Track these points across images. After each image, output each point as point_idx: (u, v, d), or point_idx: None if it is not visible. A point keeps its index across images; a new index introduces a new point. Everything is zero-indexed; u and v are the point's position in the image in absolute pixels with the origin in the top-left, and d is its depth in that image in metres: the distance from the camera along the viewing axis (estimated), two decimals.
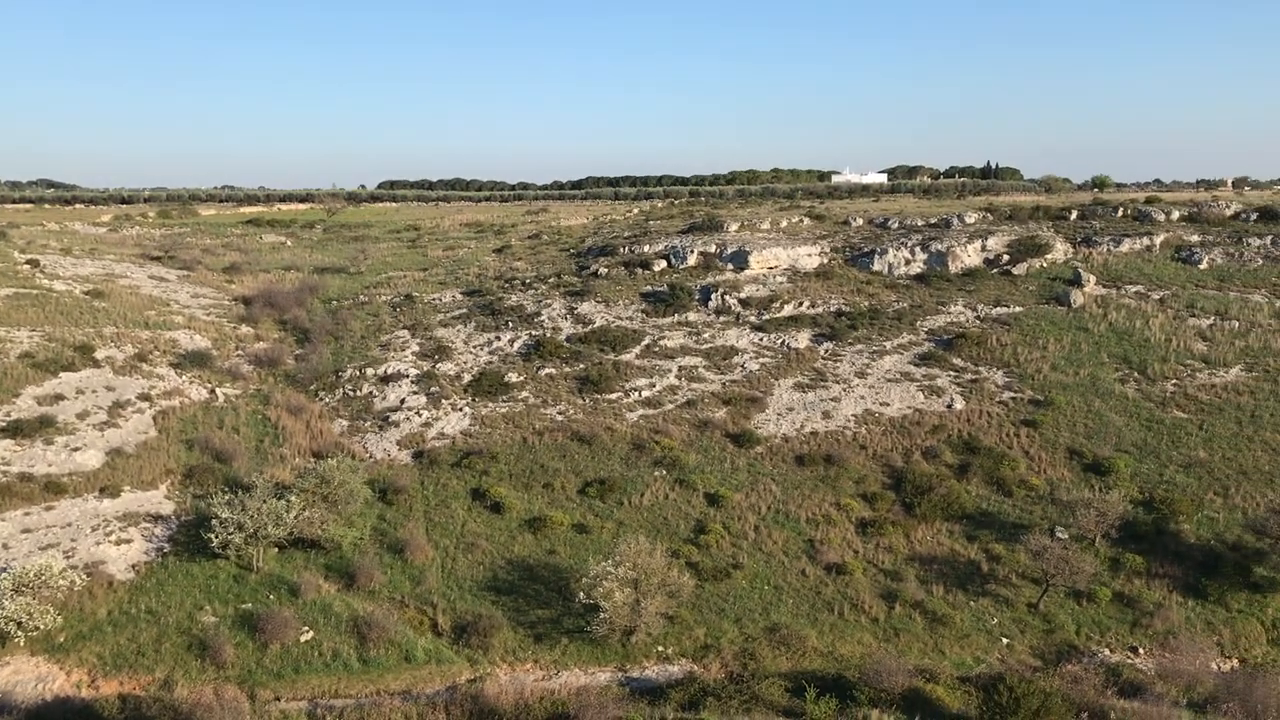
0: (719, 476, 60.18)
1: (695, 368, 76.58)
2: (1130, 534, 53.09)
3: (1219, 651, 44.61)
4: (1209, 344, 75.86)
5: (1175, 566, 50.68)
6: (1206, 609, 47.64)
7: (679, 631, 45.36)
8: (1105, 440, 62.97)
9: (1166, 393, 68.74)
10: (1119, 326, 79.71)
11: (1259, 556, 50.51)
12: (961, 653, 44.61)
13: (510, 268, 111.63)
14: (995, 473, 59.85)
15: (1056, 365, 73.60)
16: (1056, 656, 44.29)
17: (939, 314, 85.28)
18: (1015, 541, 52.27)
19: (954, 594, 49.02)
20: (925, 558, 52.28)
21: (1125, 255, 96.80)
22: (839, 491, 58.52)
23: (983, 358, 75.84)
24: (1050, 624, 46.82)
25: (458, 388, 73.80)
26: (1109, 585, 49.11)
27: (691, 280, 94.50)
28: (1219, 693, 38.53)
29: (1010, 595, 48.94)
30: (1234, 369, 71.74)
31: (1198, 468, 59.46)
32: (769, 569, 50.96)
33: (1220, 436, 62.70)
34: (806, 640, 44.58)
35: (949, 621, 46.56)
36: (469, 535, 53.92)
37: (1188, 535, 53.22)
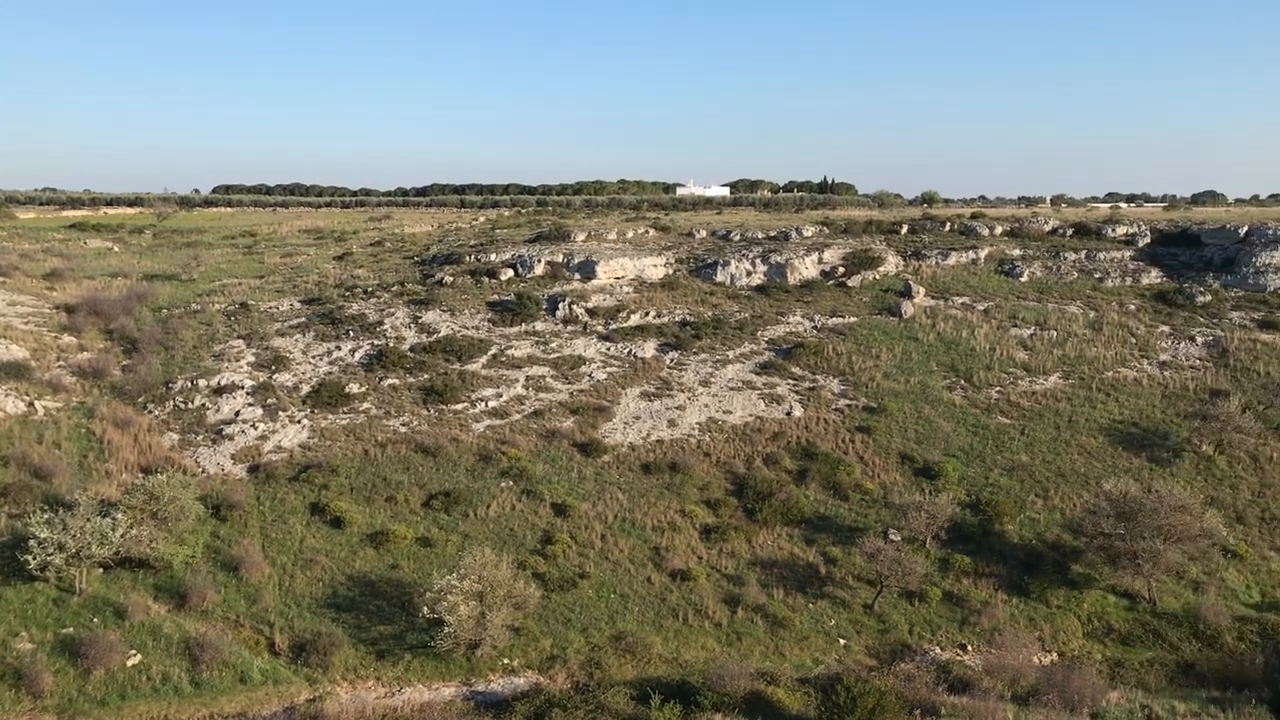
0: (566, 486, 60.18)
1: (543, 377, 76.43)
2: (959, 535, 55.49)
3: (1040, 646, 47.07)
4: (1030, 353, 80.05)
5: (1000, 566, 53.25)
6: (1029, 606, 50.20)
7: (525, 643, 45.15)
8: (935, 445, 65.72)
9: (991, 399, 72.20)
10: (947, 336, 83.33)
11: (1076, 555, 53.52)
12: (801, 654, 45.80)
13: (352, 275, 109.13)
14: (832, 477, 61.68)
15: (889, 373, 76.40)
16: (891, 655, 45.93)
17: (779, 324, 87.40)
18: (851, 544, 54.00)
19: (794, 597, 50.30)
20: (766, 562, 53.47)
21: (952, 268, 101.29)
22: (684, 498, 59.30)
23: (820, 366, 78.09)
24: (885, 624, 48.53)
25: (296, 399, 71.69)
26: (939, 585, 51.23)
27: (539, 289, 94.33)
28: (1040, 685, 40.59)
29: (847, 597, 50.52)
30: (1052, 376, 75.88)
31: (1020, 471, 62.64)
32: (615, 577, 51.24)
33: (1040, 441, 66.21)
34: (652, 647, 45.01)
35: (789, 624, 47.75)
36: (308, 551, 52.42)
37: (1011, 536, 55.99)
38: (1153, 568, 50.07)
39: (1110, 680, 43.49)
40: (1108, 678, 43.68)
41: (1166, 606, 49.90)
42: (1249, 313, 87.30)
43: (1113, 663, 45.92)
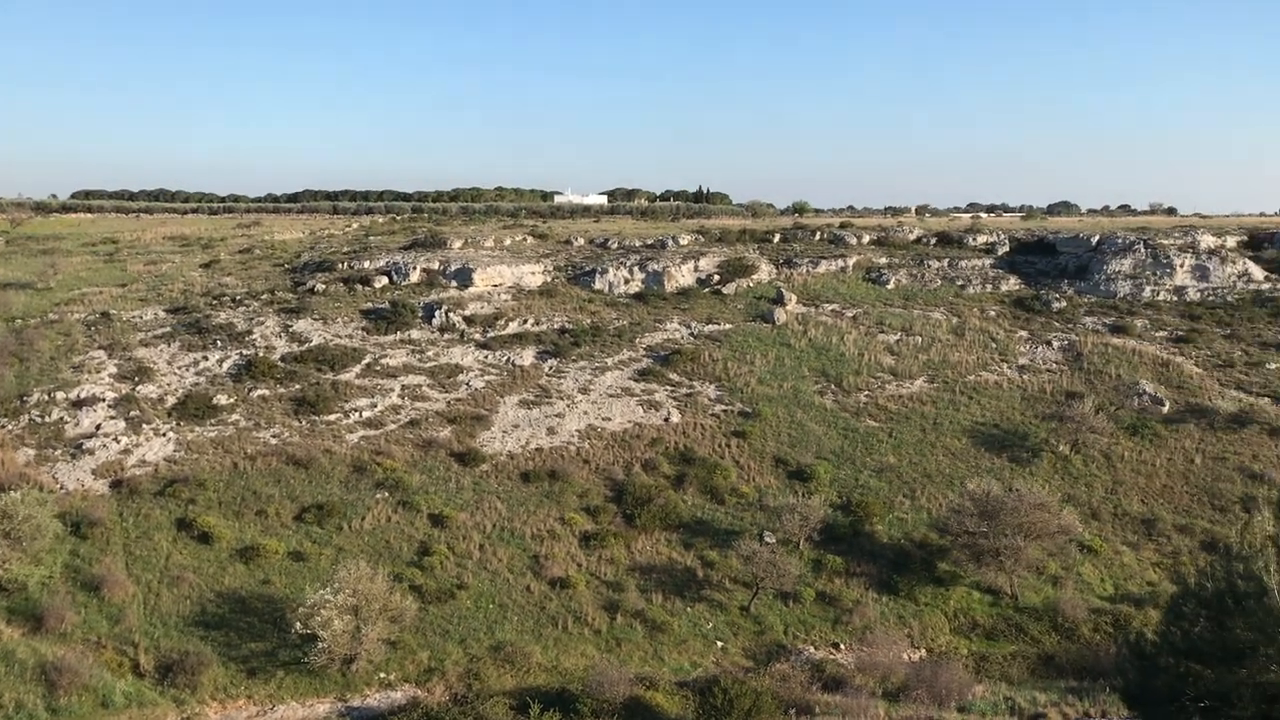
0: (444, 496, 59.59)
1: (419, 386, 75.51)
2: (831, 536, 56.87)
3: (910, 643, 48.55)
4: (896, 358, 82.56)
5: (871, 565, 54.77)
6: (898, 604, 51.75)
7: (402, 656, 44.54)
8: (807, 449, 67.24)
9: (860, 403, 74.22)
10: (818, 342, 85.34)
11: (942, 553, 55.39)
12: (680, 658, 46.30)
13: (219, 283, 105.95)
14: (709, 482, 62.53)
15: (763, 379, 77.85)
16: (767, 656, 46.79)
17: (657, 331, 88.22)
18: (728, 547, 54.83)
19: (672, 601, 50.82)
20: (645, 567, 53.89)
21: (823, 276, 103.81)
22: (563, 506, 59.33)
23: (697, 373, 79.09)
24: (761, 625, 49.43)
25: (161, 411, 69.25)
26: (813, 586, 52.42)
27: (415, 297, 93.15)
28: (910, 681, 41.84)
29: (724, 599, 51.28)
30: (918, 380, 78.42)
31: (888, 472, 64.56)
32: (494, 587, 50.95)
33: (907, 443, 68.36)
34: (531, 656, 44.90)
35: (668, 628, 48.23)
36: (174, 568, 50.69)
37: (881, 535, 57.65)
38: (1014, 564, 52.16)
39: (976, 674, 45.13)
40: (973, 671, 45.31)
41: (1028, 601, 52.02)
42: (1101, 318, 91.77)
43: (978, 657, 47.68)
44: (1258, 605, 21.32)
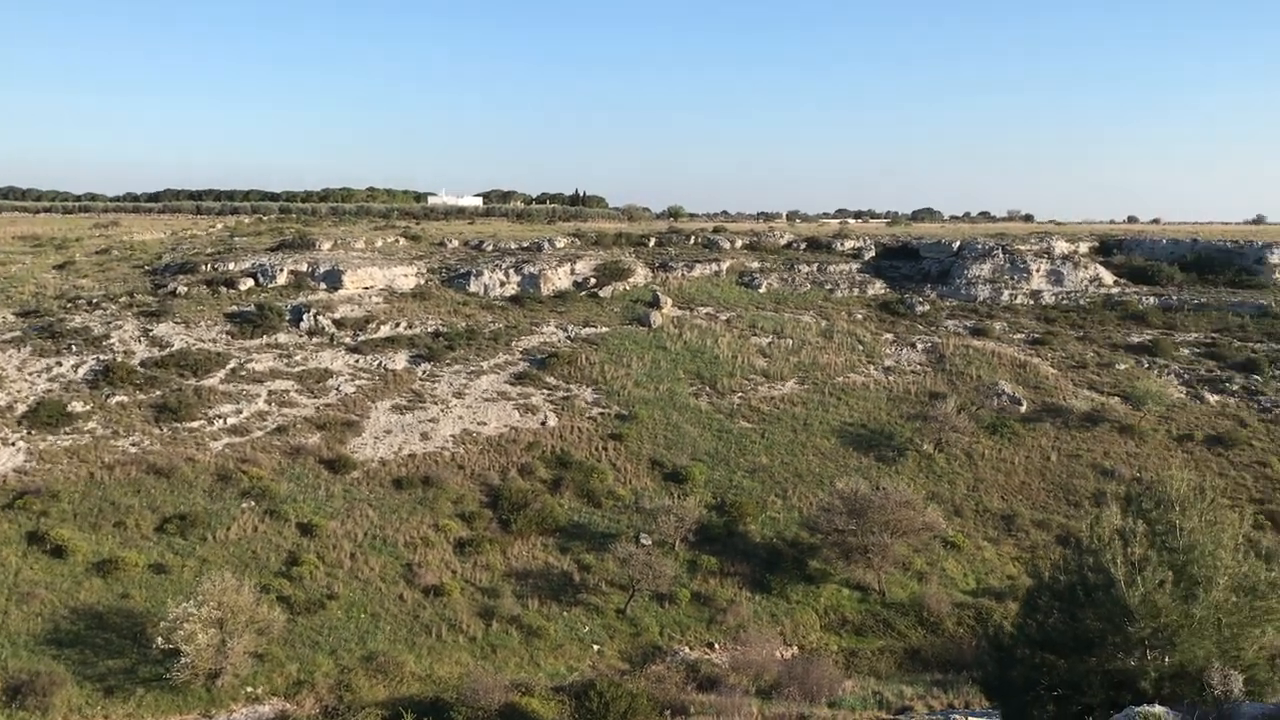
0: (313, 505, 58.20)
1: (287, 392, 73.58)
2: (705, 537, 57.52)
3: (782, 640, 49.47)
4: (768, 360, 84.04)
5: (744, 564, 55.61)
6: (771, 602, 52.66)
7: (270, 669, 43.33)
8: (682, 450, 67.91)
9: (734, 405, 75.33)
10: (693, 345, 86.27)
11: (812, 551, 56.60)
12: (556, 663, 46.21)
13: (74, 286, 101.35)
14: (586, 485, 62.59)
15: (639, 382, 78.31)
16: (643, 658, 47.07)
17: (533, 334, 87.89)
18: (604, 550, 54.96)
19: (549, 606, 50.69)
20: (521, 573, 53.62)
21: (697, 279, 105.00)
22: (438, 513, 58.60)
23: (574, 376, 79.07)
24: (637, 627, 49.69)
25: (10, 420, 65.88)
26: (688, 586, 52.94)
27: (282, 300, 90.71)
28: (782, 679, 42.63)
29: (600, 603, 51.39)
30: (789, 382, 79.98)
31: (761, 473, 65.68)
32: (366, 596, 50.00)
33: (779, 444, 69.65)
34: (405, 666, 44.21)
35: (544, 633, 48.08)
36: (25, 584, 48.26)
37: (754, 535, 58.60)
38: (882, 561, 53.65)
39: (846, 670, 46.27)
40: (843, 667, 46.45)
41: (895, 597, 53.53)
42: (962, 320, 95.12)
43: (848, 653, 48.86)
44: (1106, 596, 22.20)
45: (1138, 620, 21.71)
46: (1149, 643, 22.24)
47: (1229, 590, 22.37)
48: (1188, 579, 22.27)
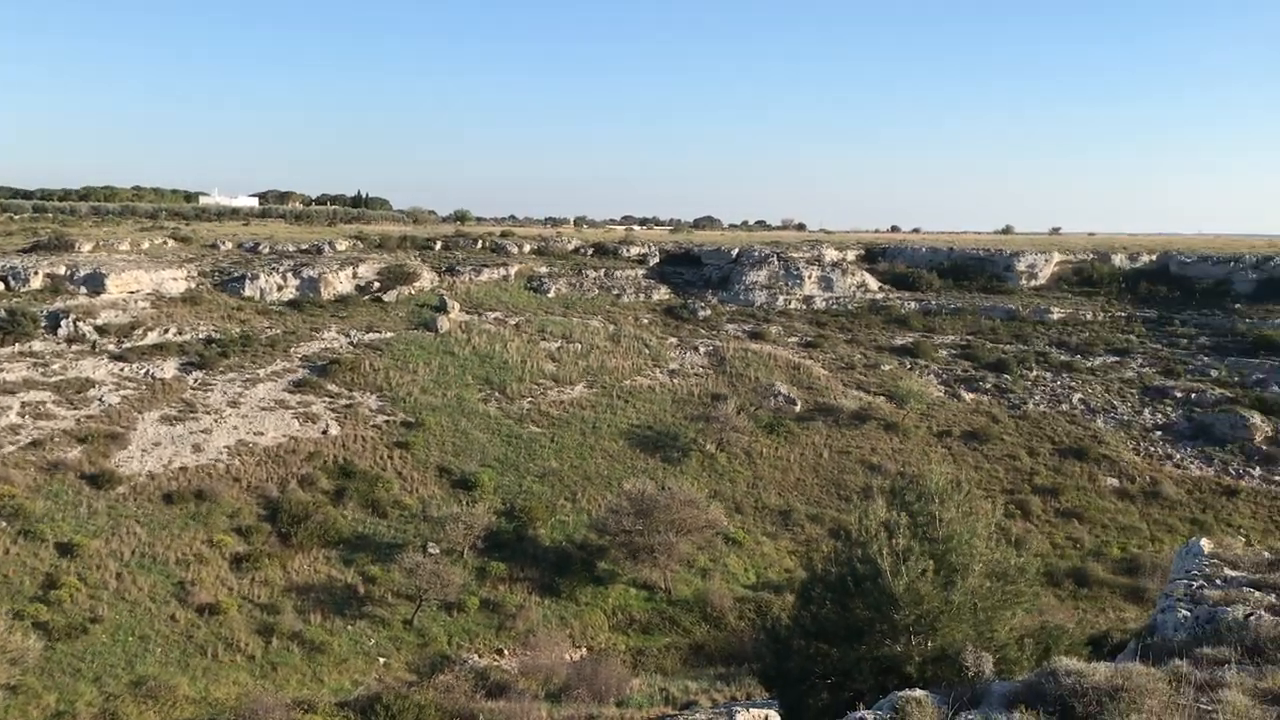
0: (73, 523, 54.51)
1: (43, 403, 68.58)
2: (495, 543, 57.41)
3: (571, 643, 49.90)
4: (557, 364, 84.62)
5: (534, 569, 55.81)
6: (560, 605, 53.07)
7: (24, 702, 40.32)
8: (471, 457, 67.52)
9: (523, 410, 75.46)
10: (481, 350, 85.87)
11: (601, 552, 57.42)
12: (341, 678, 45.07)
13: None
14: (371, 495, 61.30)
15: (426, 388, 77.31)
16: (431, 668, 46.49)
17: (314, 340, 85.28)
18: (391, 561, 53.98)
19: (332, 620, 49.38)
20: (303, 587, 52.01)
21: (485, 284, 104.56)
22: (212, 528, 56.02)
23: (357, 383, 77.24)
24: (425, 637, 49.08)
25: None
26: (477, 594, 52.71)
27: (37, 305, 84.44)
28: (571, 681, 43.02)
29: (387, 615, 50.46)
30: (578, 386, 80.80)
31: (551, 477, 66.08)
32: (134, 618, 47.29)
33: (568, 447, 70.27)
34: (177, 689, 42.05)
35: (328, 648, 46.81)
36: None
37: (544, 539, 58.91)
38: (668, 559, 54.98)
39: (633, 668, 47.12)
40: (631, 666, 47.29)
41: (680, 594, 54.95)
42: (741, 325, 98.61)
43: (635, 651, 49.80)
44: (874, 586, 23.16)
45: (902, 608, 22.62)
46: (913, 629, 23.33)
47: (983, 576, 23.65)
48: (947, 567, 23.35)
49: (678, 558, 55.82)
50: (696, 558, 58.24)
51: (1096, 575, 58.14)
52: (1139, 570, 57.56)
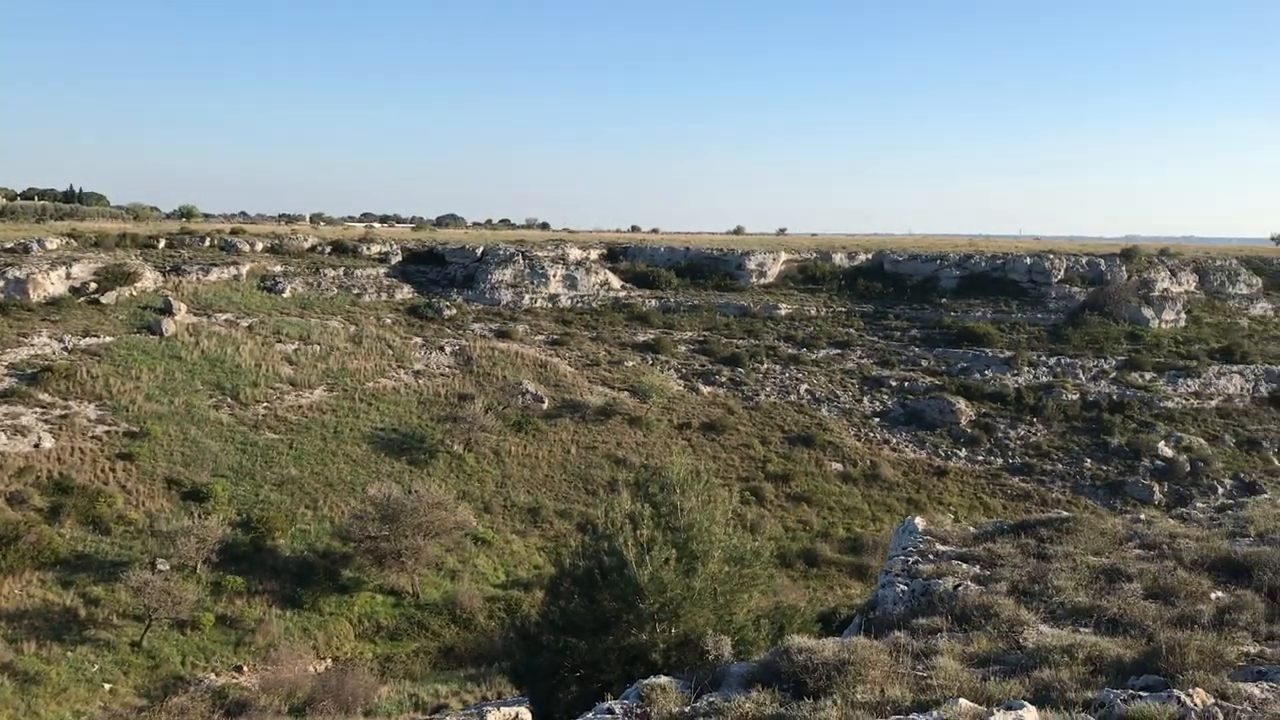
0: None
1: None
2: (231, 556, 54.85)
3: (315, 654, 48.53)
4: (295, 367, 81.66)
5: (274, 581, 53.76)
6: (303, 616, 51.43)
7: None
8: (203, 467, 64.17)
9: (259, 416, 72.41)
10: (212, 354, 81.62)
11: (346, 560, 56.04)
12: (60, 709, 41.91)
13: None
14: (91, 511, 57.15)
15: (151, 395, 72.76)
16: (164, 691, 44.03)
17: (21, 346, 78.42)
18: (115, 580, 50.53)
19: (49, 648, 45.76)
20: (14, 614, 47.91)
21: (215, 284, 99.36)
22: None
23: (73, 391, 71.68)
24: (155, 659, 46.37)
25: None
26: (212, 610, 50.24)
27: None
28: (316, 693, 41.93)
29: (112, 638, 47.30)
30: (318, 389, 78.30)
31: (290, 484, 63.78)
32: None
33: (309, 453, 68.03)
34: None
35: (44, 678, 43.36)
36: None
37: (284, 550, 56.83)
38: (415, 563, 54.33)
39: (381, 676, 46.36)
40: (379, 674, 46.50)
41: (429, 598, 54.45)
42: (487, 324, 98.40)
43: (383, 659, 48.99)
44: (620, 578, 23.76)
45: (647, 597, 23.28)
46: (658, 617, 24.12)
47: (722, 562, 24.84)
48: (688, 555, 24.28)
49: (426, 561, 55.26)
50: (445, 560, 57.84)
51: (825, 555, 62.06)
52: (862, 549, 61.84)
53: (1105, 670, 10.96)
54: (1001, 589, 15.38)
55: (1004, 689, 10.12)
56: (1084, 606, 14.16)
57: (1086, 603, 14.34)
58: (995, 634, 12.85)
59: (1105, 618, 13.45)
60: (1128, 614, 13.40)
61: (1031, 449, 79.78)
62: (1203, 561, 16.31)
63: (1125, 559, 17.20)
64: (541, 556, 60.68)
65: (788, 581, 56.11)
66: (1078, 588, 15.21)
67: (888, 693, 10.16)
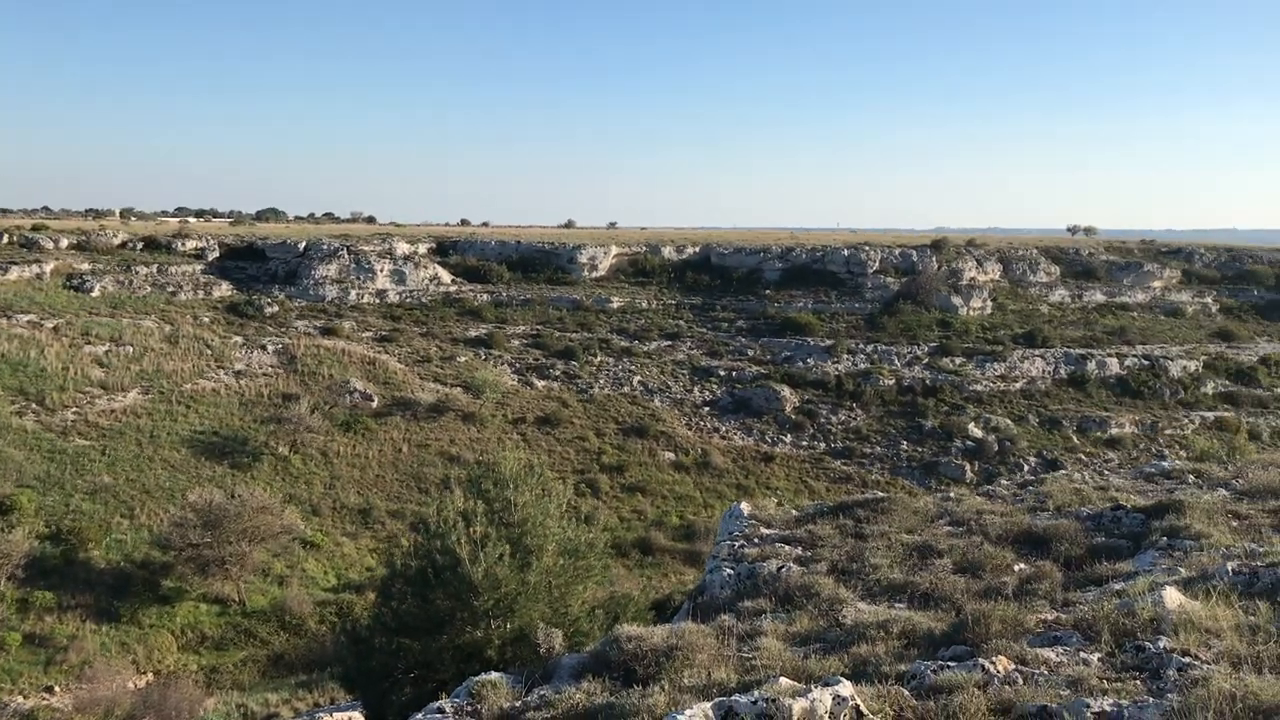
0: None
1: None
2: (40, 570, 51.83)
3: (135, 669, 46.41)
4: (107, 370, 77.62)
5: (88, 595, 51.11)
6: (121, 630, 49.08)
7: None
8: (6, 477, 60.27)
9: (68, 422, 68.57)
10: (13, 358, 76.64)
11: (166, 570, 53.74)
12: None
13: None
14: None
15: None
16: None
17: None
18: None
19: None
20: None
21: (15, 283, 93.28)
22: None
23: None
24: None
25: None
26: (19, 629, 47.40)
27: None
28: (136, 709, 40.14)
29: None
30: (131, 393, 74.64)
31: (104, 493, 60.66)
32: None
33: (123, 460, 64.84)
34: None
35: None
36: None
37: (99, 561, 54.07)
38: (241, 570, 52.57)
39: (207, 688, 44.77)
40: (205, 686, 44.89)
41: (256, 605, 52.76)
42: (312, 321, 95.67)
43: (209, 670, 47.27)
44: (454, 576, 23.65)
45: (482, 594, 23.25)
46: (492, 613, 24.13)
47: (557, 555, 25.05)
48: (523, 549, 24.37)
49: (252, 568, 53.53)
50: (273, 565, 56.15)
51: (659, 543, 63.13)
52: (695, 535, 63.16)
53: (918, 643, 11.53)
54: (822, 569, 16.04)
55: (824, 666, 10.55)
56: (898, 583, 14.93)
57: (901, 579, 15.12)
58: (816, 613, 13.38)
59: (918, 593, 14.21)
60: (939, 588, 14.19)
61: (852, 433, 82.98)
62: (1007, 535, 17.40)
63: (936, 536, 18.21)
64: (374, 558, 59.60)
65: (624, 571, 56.85)
66: (893, 565, 16.02)
67: (714, 675, 10.43)
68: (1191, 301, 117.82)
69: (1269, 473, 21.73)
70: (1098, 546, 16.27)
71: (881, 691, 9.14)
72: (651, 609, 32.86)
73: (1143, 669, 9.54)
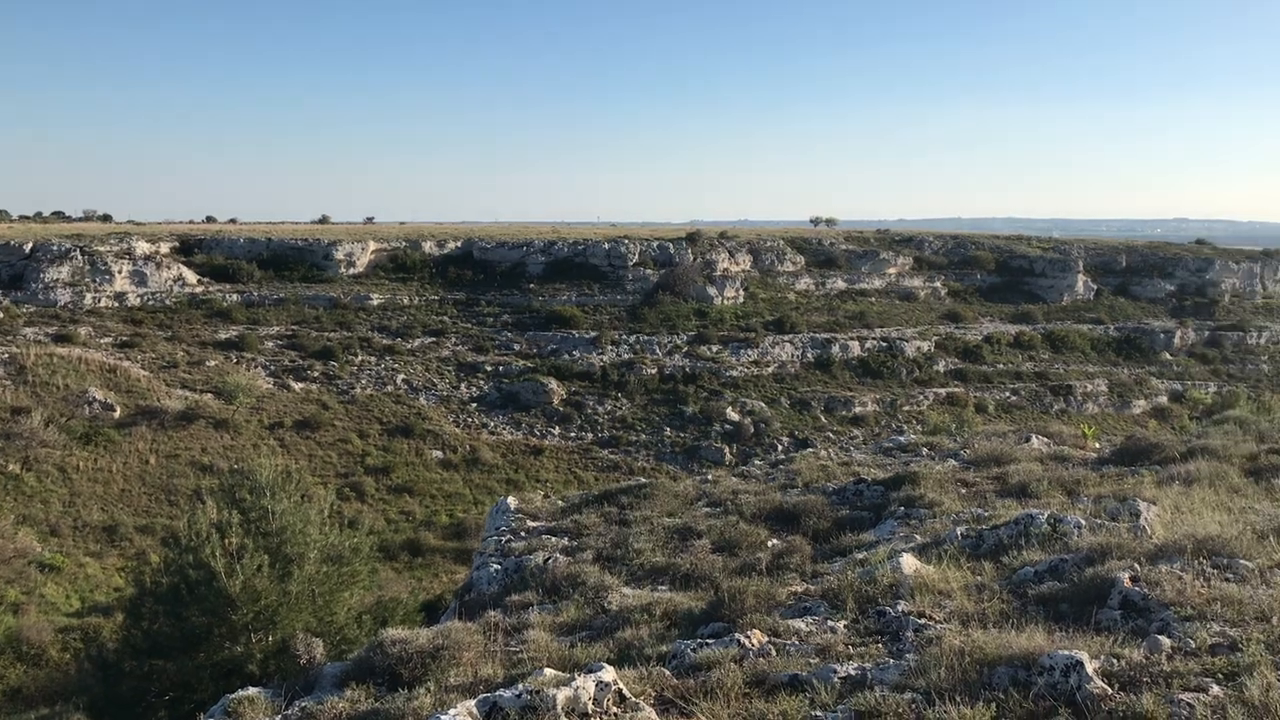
0: None
1: None
2: None
3: None
4: None
5: None
6: None
7: None
8: None
9: None
10: None
11: None
12: None
13: None
14: None
15: None
16: None
17: None
18: None
19: None
20: None
21: None
22: None
23: None
24: None
25: None
26: None
27: None
28: None
29: None
30: None
31: None
32: None
33: None
34: None
35: None
36: None
37: None
38: None
39: None
40: None
41: None
42: (44, 327, 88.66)
43: None
44: (209, 590, 22.72)
45: (240, 607, 22.54)
46: (252, 627, 23.38)
47: (319, 562, 24.51)
48: (283, 559, 23.74)
49: None
50: (6, 593, 51.87)
51: (429, 543, 62.41)
52: (465, 533, 62.81)
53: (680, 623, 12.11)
54: (588, 557, 16.52)
55: (589, 653, 10.92)
56: (661, 566, 15.58)
57: (663, 562, 15.78)
58: (583, 601, 13.79)
59: (680, 574, 14.89)
60: (699, 568, 14.91)
61: (618, 422, 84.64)
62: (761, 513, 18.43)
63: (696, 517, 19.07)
64: (122, 577, 55.99)
65: (392, 574, 55.83)
66: (655, 549, 16.68)
67: (480, 672, 10.58)
68: (923, 286, 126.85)
69: (991, 442, 23.97)
70: (843, 519, 17.53)
71: (644, 673, 9.58)
72: (422, 610, 32.62)
73: (884, 632, 10.44)
